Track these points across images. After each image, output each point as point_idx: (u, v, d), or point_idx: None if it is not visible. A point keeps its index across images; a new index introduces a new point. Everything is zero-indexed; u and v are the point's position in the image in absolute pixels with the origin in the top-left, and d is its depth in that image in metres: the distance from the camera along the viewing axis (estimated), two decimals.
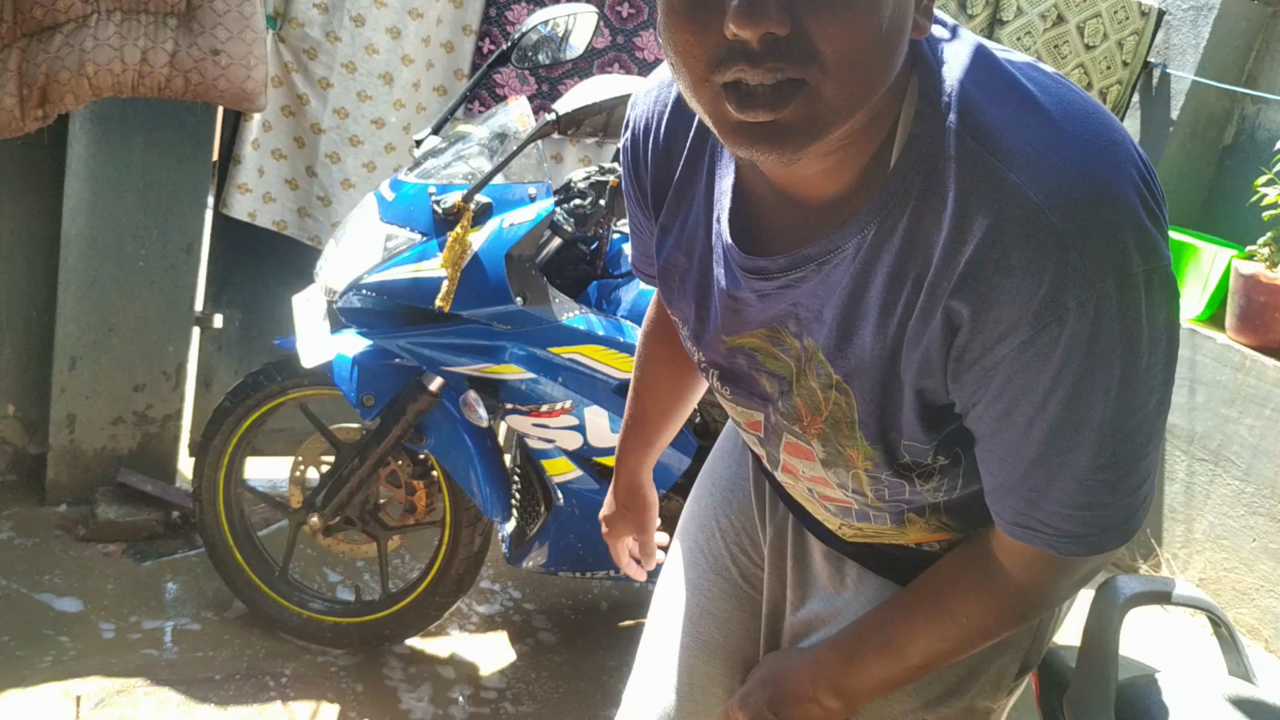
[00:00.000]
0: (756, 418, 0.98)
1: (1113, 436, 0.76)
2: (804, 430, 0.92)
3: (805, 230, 0.83)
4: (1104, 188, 0.70)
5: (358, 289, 1.96)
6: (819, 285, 0.83)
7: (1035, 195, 0.70)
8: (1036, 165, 0.71)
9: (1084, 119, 0.73)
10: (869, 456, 0.88)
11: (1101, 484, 0.79)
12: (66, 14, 1.98)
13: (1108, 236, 0.70)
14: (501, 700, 2.24)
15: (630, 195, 1.06)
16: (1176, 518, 3.37)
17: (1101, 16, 3.35)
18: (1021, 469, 0.80)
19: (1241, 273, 3.18)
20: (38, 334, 2.52)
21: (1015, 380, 0.74)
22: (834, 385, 0.86)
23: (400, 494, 2.20)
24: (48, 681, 2.03)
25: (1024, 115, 0.73)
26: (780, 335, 0.89)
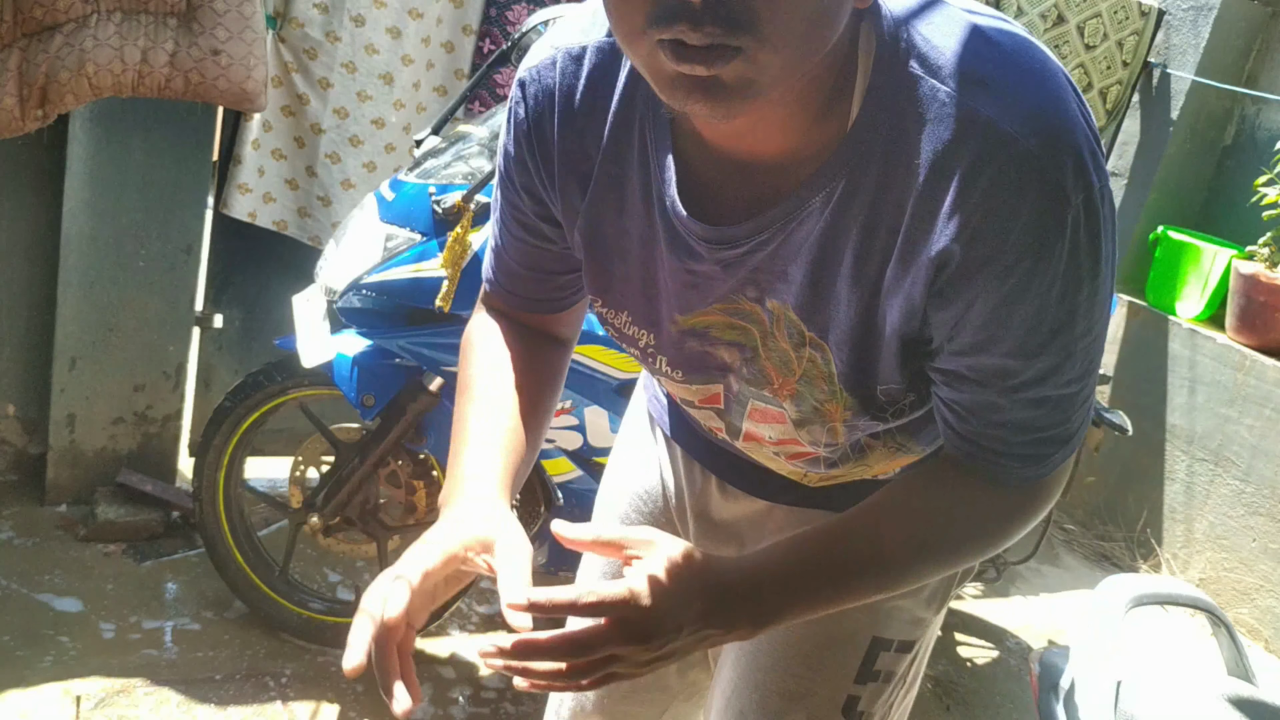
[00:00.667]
0: (714, 390, 0.96)
1: (1087, 351, 0.79)
2: (775, 393, 0.91)
3: (761, 192, 0.82)
4: (1062, 111, 0.73)
5: (358, 289, 1.96)
6: (783, 245, 0.82)
7: (1008, 125, 0.72)
8: (1002, 97, 0.72)
9: (1027, 50, 0.76)
10: (848, 406, 0.88)
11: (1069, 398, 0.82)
12: (66, 14, 1.98)
13: (1074, 157, 0.72)
14: (501, 700, 2.24)
15: (518, 184, 0.95)
16: (1176, 518, 3.37)
17: (1101, 16, 3.35)
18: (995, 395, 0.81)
19: (1241, 273, 3.18)
20: (38, 334, 2.52)
21: (1002, 306, 0.75)
22: (807, 342, 0.86)
23: (400, 494, 2.20)
24: (48, 681, 2.03)
25: (980, 51, 0.74)
26: (738, 304, 0.87)
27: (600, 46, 0.88)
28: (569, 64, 0.89)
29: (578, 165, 0.90)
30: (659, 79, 0.71)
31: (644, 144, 0.86)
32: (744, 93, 0.69)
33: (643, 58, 0.71)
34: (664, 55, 0.68)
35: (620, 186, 0.89)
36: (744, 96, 0.70)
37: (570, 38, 0.90)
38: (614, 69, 0.87)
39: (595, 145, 0.89)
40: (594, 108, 0.88)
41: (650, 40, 0.69)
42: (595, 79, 0.88)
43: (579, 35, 0.89)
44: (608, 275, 0.94)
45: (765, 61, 0.68)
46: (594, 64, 0.88)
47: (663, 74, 0.70)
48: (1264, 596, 3.08)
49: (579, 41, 0.89)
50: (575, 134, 0.89)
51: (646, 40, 0.69)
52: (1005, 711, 2.56)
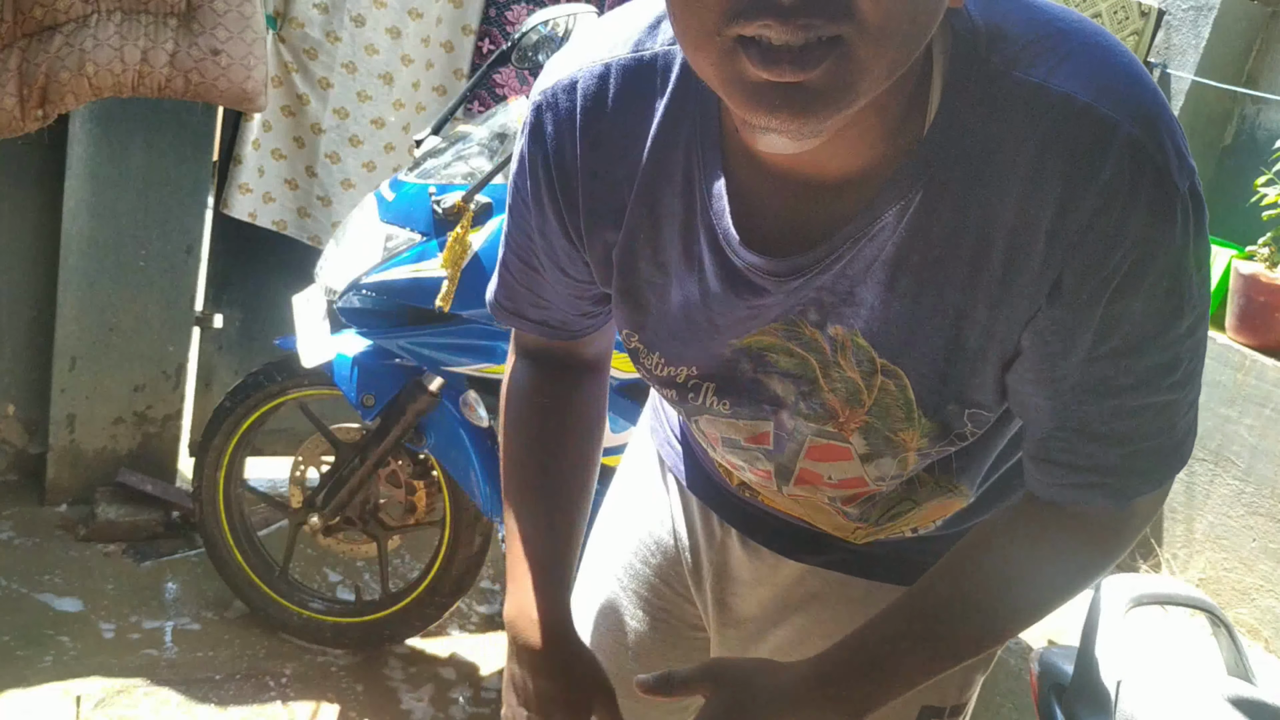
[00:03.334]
0: (764, 429, 0.86)
1: (1192, 351, 0.73)
2: (840, 427, 0.82)
3: (828, 213, 0.73)
4: (1153, 91, 0.68)
5: (358, 289, 1.96)
6: (850, 264, 0.73)
7: (1108, 110, 0.66)
8: (1094, 80, 0.67)
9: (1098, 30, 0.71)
10: (926, 433, 0.80)
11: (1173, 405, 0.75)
12: (66, 14, 1.98)
13: (1178, 141, 0.68)
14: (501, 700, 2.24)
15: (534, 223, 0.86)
16: (1176, 518, 3.37)
17: (1101, 17, 3.35)
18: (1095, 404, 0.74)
19: (1241, 273, 3.18)
20: (38, 334, 2.52)
21: (1112, 307, 0.69)
22: (879, 370, 0.77)
23: (400, 494, 2.20)
24: (48, 681, 2.03)
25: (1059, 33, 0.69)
26: (798, 327, 0.79)
27: (627, 65, 0.79)
28: (592, 85, 0.79)
29: (608, 199, 0.81)
30: (736, 89, 0.62)
31: (689, 170, 0.77)
32: (838, 100, 0.61)
33: (715, 63, 0.62)
34: (746, 59, 0.60)
35: (657, 218, 0.80)
36: (838, 106, 0.61)
37: (591, 55, 0.80)
38: (648, 89, 0.78)
39: (629, 175, 0.80)
40: (627, 133, 0.79)
41: (726, 42, 0.60)
42: (626, 101, 0.79)
43: (602, 52, 0.80)
44: (643, 313, 0.85)
45: (865, 58, 0.60)
46: (622, 84, 0.79)
47: (741, 83, 0.61)
48: (1264, 596, 3.08)
49: (602, 59, 0.79)
50: (605, 164, 0.80)
51: (721, 42, 0.60)
52: (1005, 711, 2.55)
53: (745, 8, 0.58)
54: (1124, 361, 0.72)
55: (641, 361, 0.89)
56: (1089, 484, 0.78)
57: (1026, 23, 0.69)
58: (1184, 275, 0.69)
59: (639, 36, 0.79)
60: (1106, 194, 0.66)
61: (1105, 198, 0.66)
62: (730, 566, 1.04)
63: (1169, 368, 0.73)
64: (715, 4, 0.59)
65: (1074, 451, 0.77)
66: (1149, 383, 0.73)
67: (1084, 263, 0.68)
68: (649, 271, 0.83)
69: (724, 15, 0.59)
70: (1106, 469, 0.77)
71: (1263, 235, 3.19)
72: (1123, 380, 0.72)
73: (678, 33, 0.65)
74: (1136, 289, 0.68)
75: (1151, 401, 0.74)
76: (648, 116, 0.78)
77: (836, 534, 0.96)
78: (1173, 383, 0.73)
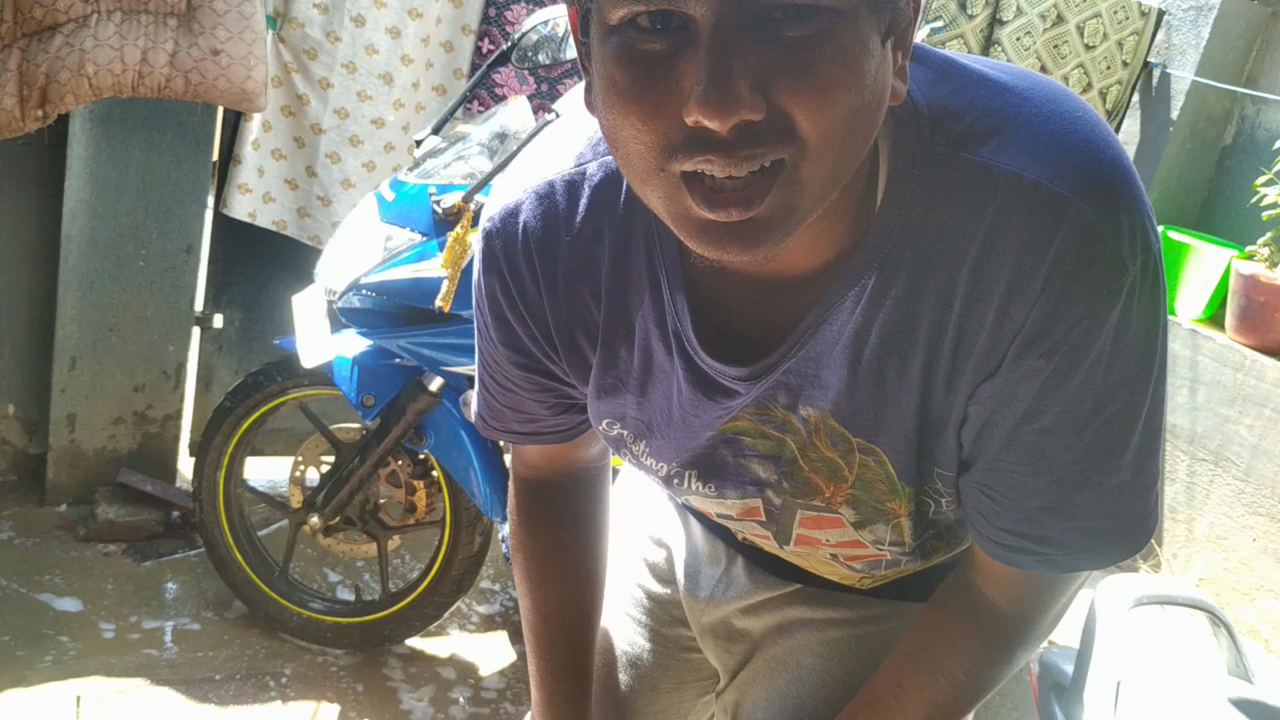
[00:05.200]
0: (754, 505, 0.87)
1: (1139, 433, 0.71)
2: (827, 501, 0.83)
3: (788, 309, 0.73)
4: (1112, 163, 0.65)
5: (358, 289, 1.96)
6: (812, 349, 0.74)
7: (1056, 187, 0.64)
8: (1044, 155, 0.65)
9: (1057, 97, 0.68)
10: (910, 499, 0.80)
11: (1122, 488, 0.73)
12: (66, 14, 1.98)
13: (1134, 218, 0.65)
14: (501, 700, 2.24)
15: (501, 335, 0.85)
16: (1176, 518, 3.37)
17: (1101, 16, 3.35)
18: (1038, 483, 0.73)
19: (1241, 273, 3.18)
20: (38, 334, 2.52)
21: (1050, 384, 0.68)
22: (855, 448, 0.78)
23: (400, 494, 2.20)
24: (48, 681, 2.03)
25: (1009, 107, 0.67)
26: (769, 411, 0.79)
27: (571, 180, 0.78)
28: (538, 205, 0.78)
29: (579, 313, 0.81)
30: (685, 226, 0.62)
31: (654, 276, 0.77)
32: (786, 225, 0.61)
33: (661, 199, 0.61)
34: (691, 199, 0.59)
35: (630, 325, 0.80)
36: (786, 230, 0.61)
37: (534, 176, 0.80)
38: (597, 201, 0.77)
39: (594, 289, 0.79)
40: (583, 248, 0.78)
41: (671, 177, 0.60)
42: (575, 216, 0.77)
43: (545, 171, 0.79)
44: (625, 406, 0.85)
45: (808, 177, 0.59)
46: (569, 200, 0.78)
47: (689, 220, 0.61)
48: (1264, 596, 3.08)
49: (546, 177, 0.79)
50: (567, 280, 0.79)
51: (665, 178, 0.60)
52: (1005, 711, 2.55)
53: (684, 143, 0.58)
54: (1059, 438, 0.70)
55: (627, 449, 0.89)
56: (1023, 549, 0.77)
57: (973, 99, 0.68)
58: (1128, 357, 0.68)
59: (580, 149, 0.79)
60: (1052, 273, 0.64)
61: (1050, 277, 0.64)
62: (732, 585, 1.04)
63: (1112, 450, 0.71)
64: (654, 141, 0.59)
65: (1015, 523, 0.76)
66: (1090, 462, 0.71)
67: (1026, 338, 0.67)
68: (625, 377, 0.83)
69: (664, 151, 0.59)
70: (1042, 538, 0.75)
71: (1263, 235, 3.19)
72: (1061, 456, 0.71)
73: (621, 166, 0.64)
74: (1075, 367, 0.67)
75: (1095, 480, 0.72)
76: (601, 229, 0.77)
77: (843, 582, 0.97)
78: (1118, 465, 0.71)
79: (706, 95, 0.55)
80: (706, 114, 0.55)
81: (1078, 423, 0.69)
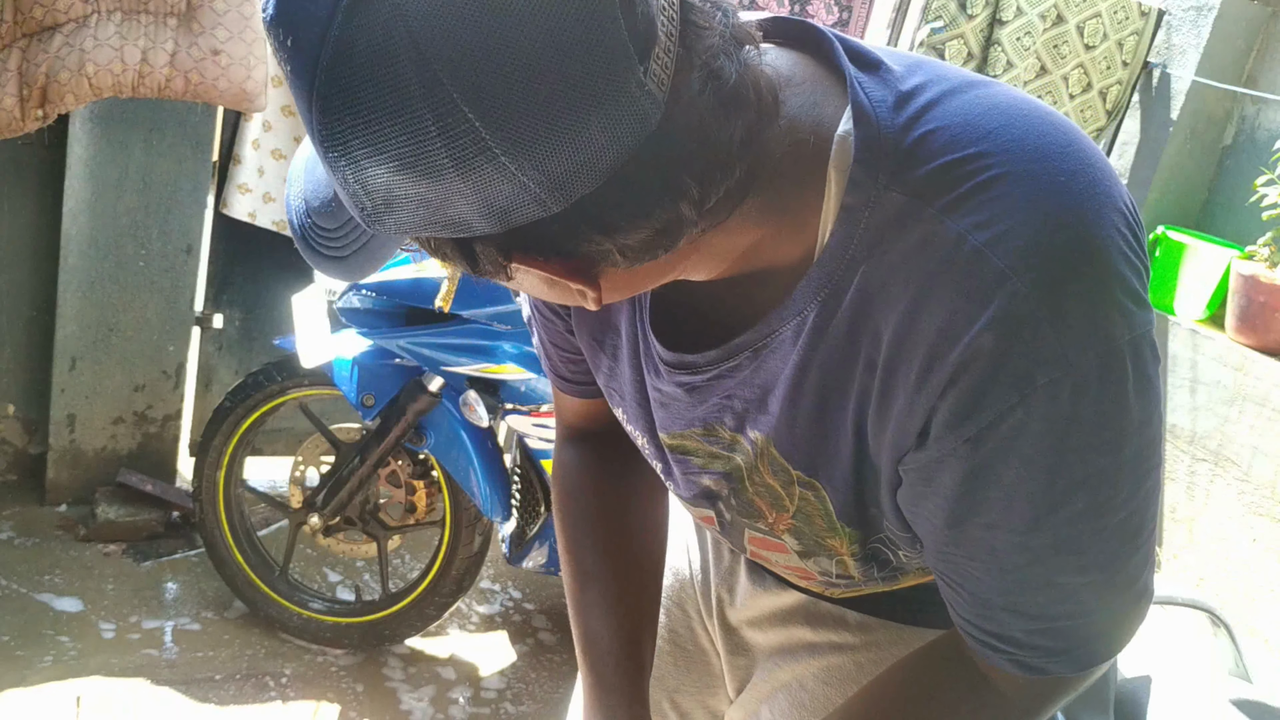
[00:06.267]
0: (708, 515, 0.87)
1: (1112, 531, 0.64)
2: (770, 527, 0.81)
3: (739, 313, 0.72)
4: (1084, 243, 0.58)
5: (358, 289, 1.96)
6: (755, 373, 0.71)
7: (999, 259, 0.58)
8: (999, 218, 0.59)
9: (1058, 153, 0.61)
10: (855, 540, 0.77)
11: (1093, 587, 0.66)
12: (66, 14, 1.98)
13: (1090, 304, 0.58)
14: (501, 700, 2.24)
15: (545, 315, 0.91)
16: (1176, 518, 3.37)
17: (1101, 16, 3.35)
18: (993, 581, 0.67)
19: (1241, 273, 3.18)
20: (38, 334, 2.52)
21: (978, 476, 0.62)
22: (795, 481, 0.75)
23: (400, 494, 2.20)
24: (48, 681, 2.03)
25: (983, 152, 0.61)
26: (716, 432, 0.78)
27: None
28: None
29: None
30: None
31: None
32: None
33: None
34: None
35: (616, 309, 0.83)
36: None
37: None
38: None
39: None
40: None
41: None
42: None
43: None
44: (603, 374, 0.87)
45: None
46: None
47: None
48: (1264, 596, 3.08)
49: None
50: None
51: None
52: None
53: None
54: (1009, 536, 0.64)
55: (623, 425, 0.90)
56: (989, 645, 0.71)
57: (947, 143, 0.61)
58: (1084, 456, 0.60)
59: None
60: (974, 351, 0.59)
61: (971, 355, 0.59)
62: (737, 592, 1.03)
63: (1078, 549, 0.64)
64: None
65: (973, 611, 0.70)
66: (1051, 563, 0.65)
67: (949, 416, 0.61)
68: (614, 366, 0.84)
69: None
70: (1005, 637, 0.70)
71: (1263, 235, 3.19)
72: (1015, 557, 0.65)
73: None
74: (1005, 461, 0.61)
75: (1059, 581, 0.66)
76: None
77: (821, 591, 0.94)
78: (1084, 565, 0.65)
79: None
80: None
81: (1028, 521, 0.63)
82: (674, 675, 1.10)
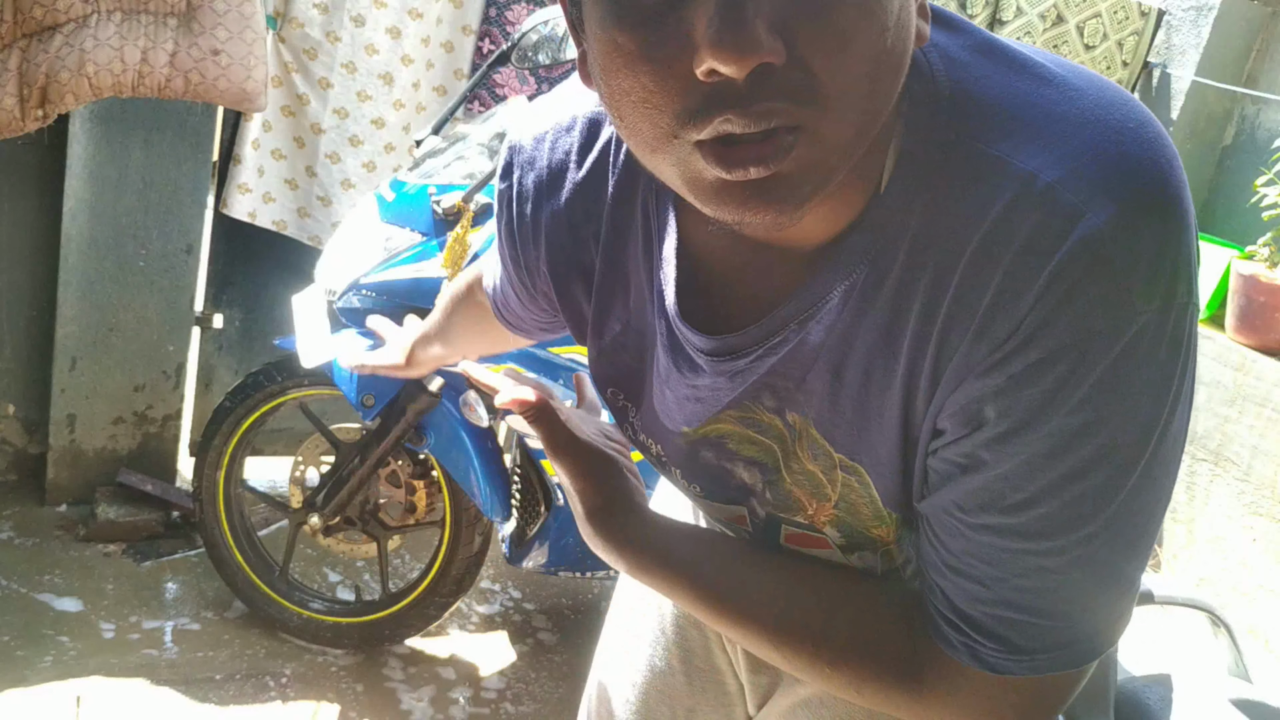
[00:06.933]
0: (740, 513, 0.80)
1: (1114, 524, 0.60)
2: (810, 519, 0.75)
3: (777, 285, 0.67)
4: (1163, 186, 0.55)
5: (358, 289, 1.96)
6: (798, 349, 0.67)
7: (1073, 195, 0.55)
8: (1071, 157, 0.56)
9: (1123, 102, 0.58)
10: (899, 526, 0.72)
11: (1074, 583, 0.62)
12: (66, 14, 1.98)
13: (1162, 252, 0.55)
14: (501, 700, 2.24)
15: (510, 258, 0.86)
16: (1176, 518, 3.37)
17: (1101, 16, 3.35)
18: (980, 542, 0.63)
19: (1241, 273, 3.18)
20: (38, 334, 2.52)
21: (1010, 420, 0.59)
22: (838, 465, 0.70)
23: (400, 494, 2.20)
24: (48, 681, 2.03)
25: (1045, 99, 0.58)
26: (754, 414, 0.72)
27: (592, 118, 0.76)
28: (560, 138, 0.77)
29: (578, 256, 0.78)
30: (699, 189, 0.56)
31: (647, 228, 0.73)
32: (811, 182, 0.55)
33: (672, 166, 0.56)
34: (705, 160, 0.54)
35: (625, 276, 0.76)
36: (814, 186, 0.55)
37: (562, 109, 0.78)
38: (616, 143, 0.75)
39: (594, 232, 0.76)
40: (591, 188, 0.75)
41: (685, 145, 0.54)
42: (588, 155, 0.75)
43: (572, 106, 0.77)
44: (615, 369, 0.81)
45: (831, 135, 0.53)
46: (586, 138, 0.75)
47: (704, 183, 0.55)
48: (1264, 596, 3.08)
49: (570, 112, 0.77)
50: (569, 221, 0.77)
51: (679, 144, 0.54)
52: None
53: (697, 105, 0.52)
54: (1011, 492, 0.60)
55: (629, 423, 0.85)
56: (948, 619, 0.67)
57: (1007, 88, 0.59)
58: (1119, 418, 0.57)
59: None
60: (1045, 289, 0.55)
61: (1042, 293, 0.55)
62: None
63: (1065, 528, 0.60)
64: (665, 104, 0.53)
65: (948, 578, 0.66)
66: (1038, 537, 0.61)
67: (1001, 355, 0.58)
68: (620, 331, 0.79)
69: (675, 117, 0.53)
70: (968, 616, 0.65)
71: (1263, 235, 3.19)
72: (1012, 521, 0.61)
73: (628, 140, 0.58)
74: (1045, 409, 0.57)
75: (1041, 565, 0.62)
76: (608, 171, 0.74)
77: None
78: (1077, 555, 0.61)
79: (720, 37, 0.49)
80: (721, 57, 0.49)
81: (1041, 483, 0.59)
82: (689, 695, 1.08)
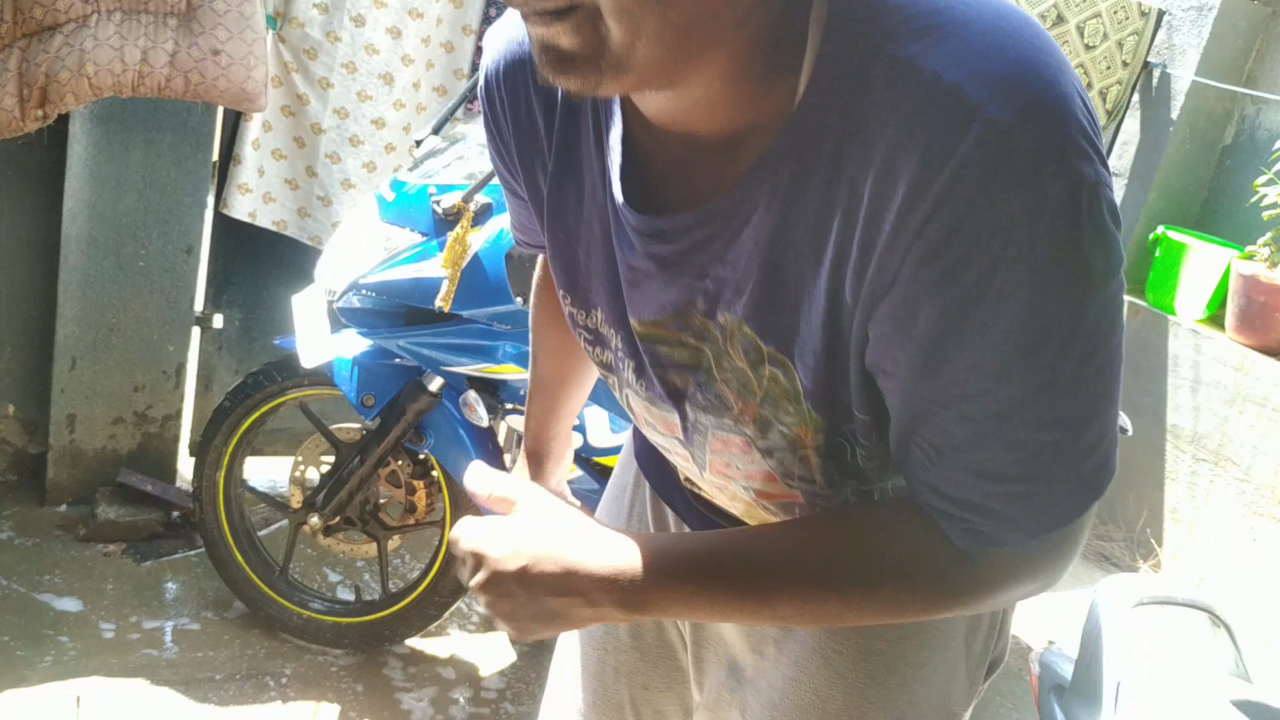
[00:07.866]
0: (673, 419, 0.86)
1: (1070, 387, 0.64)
2: (736, 419, 0.80)
3: (705, 181, 0.72)
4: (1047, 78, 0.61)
5: (358, 289, 1.96)
6: (730, 247, 0.72)
7: (975, 92, 0.60)
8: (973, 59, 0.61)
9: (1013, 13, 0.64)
10: (819, 429, 0.76)
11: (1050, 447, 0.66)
12: (66, 14, 1.98)
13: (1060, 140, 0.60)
14: (501, 700, 2.24)
15: (494, 153, 0.93)
16: (1176, 518, 3.37)
17: (1101, 16, 3.35)
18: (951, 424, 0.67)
19: (1241, 273, 3.18)
20: (38, 334, 2.52)
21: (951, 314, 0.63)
22: (766, 359, 0.74)
23: (400, 494, 2.20)
24: (48, 681, 2.03)
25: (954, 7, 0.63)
26: (687, 317, 0.78)
27: None
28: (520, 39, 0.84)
29: (536, 147, 0.85)
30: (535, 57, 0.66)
31: (596, 120, 0.79)
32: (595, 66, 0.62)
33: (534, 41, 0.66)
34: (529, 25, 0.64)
35: (578, 169, 0.82)
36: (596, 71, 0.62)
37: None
38: None
39: (549, 125, 0.83)
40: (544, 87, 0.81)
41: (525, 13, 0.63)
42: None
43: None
44: (574, 268, 0.86)
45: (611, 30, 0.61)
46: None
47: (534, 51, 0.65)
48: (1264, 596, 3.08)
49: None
50: (528, 109, 0.84)
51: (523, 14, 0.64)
52: (1005, 711, 2.56)
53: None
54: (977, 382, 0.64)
55: (582, 325, 0.90)
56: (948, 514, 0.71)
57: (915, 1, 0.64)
58: (1054, 296, 0.62)
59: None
60: (954, 180, 0.60)
61: (951, 184, 0.60)
62: None
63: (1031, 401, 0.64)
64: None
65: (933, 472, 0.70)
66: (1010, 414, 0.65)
67: (923, 251, 0.62)
68: (574, 224, 0.84)
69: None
70: (966, 503, 0.69)
71: (1263, 235, 3.19)
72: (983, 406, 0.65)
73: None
74: (980, 297, 0.61)
75: (1018, 437, 0.66)
76: None
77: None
78: (1046, 420, 0.65)
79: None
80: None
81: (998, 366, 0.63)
82: (642, 671, 1.10)
